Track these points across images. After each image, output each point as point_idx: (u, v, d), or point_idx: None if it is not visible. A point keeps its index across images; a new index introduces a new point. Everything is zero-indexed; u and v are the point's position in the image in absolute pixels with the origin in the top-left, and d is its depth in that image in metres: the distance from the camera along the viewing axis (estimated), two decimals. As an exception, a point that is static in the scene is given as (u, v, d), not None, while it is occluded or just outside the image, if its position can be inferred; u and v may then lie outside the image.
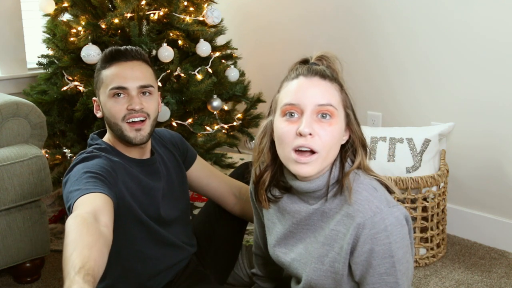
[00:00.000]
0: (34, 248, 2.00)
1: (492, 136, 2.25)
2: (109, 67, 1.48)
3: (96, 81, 1.53)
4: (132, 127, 1.47)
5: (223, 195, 1.75)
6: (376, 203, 1.18)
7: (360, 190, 1.21)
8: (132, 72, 1.47)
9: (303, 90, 1.20)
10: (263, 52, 3.03)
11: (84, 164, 1.39)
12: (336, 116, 1.19)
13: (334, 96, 1.20)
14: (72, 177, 1.35)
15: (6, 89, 2.55)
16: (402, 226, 1.20)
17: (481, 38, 2.21)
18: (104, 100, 1.49)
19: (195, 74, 2.29)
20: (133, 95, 1.47)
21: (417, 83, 2.44)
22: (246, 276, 1.81)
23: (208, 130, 2.37)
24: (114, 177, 1.41)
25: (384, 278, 1.20)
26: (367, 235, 1.18)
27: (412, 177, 2.07)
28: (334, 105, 1.19)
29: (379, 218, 1.17)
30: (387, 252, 1.18)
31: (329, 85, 1.20)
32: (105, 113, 1.50)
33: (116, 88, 1.46)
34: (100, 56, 1.53)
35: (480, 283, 2.02)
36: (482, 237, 2.33)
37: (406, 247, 1.21)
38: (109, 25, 2.18)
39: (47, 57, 2.36)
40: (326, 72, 1.22)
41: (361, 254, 1.20)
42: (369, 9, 2.54)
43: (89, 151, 1.48)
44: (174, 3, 2.25)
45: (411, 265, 1.25)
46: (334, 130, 1.19)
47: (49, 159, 2.33)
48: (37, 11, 2.40)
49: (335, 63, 1.26)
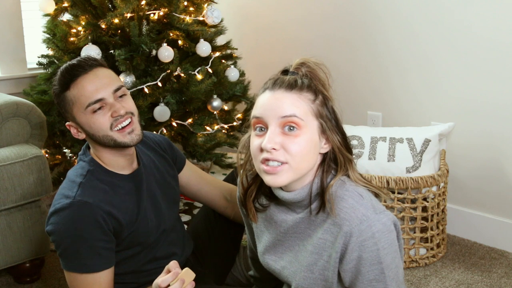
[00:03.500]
0: (34, 248, 2.00)
1: (492, 136, 2.25)
2: (73, 86, 1.40)
3: (63, 105, 1.43)
4: (123, 132, 1.43)
5: (214, 199, 1.74)
6: (362, 210, 1.17)
7: (346, 197, 1.20)
8: (100, 80, 1.42)
9: (266, 104, 1.19)
10: (263, 52, 3.03)
11: (79, 218, 1.37)
12: (303, 126, 1.16)
13: (300, 106, 1.17)
14: (68, 233, 1.37)
15: (6, 89, 2.55)
16: (390, 232, 1.19)
17: (481, 38, 2.21)
18: (84, 119, 1.41)
19: (195, 74, 2.29)
20: (111, 102, 1.42)
21: (417, 83, 2.44)
22: (244, 278, 1.81)
23: (208, 130, 2.37)
24: (111, 221, 1.41)
25: (374, 285, 1.20)
26: (354, 243, 1.17)
27: (412, 177, 2.07)
28: (299, 116, 1.16)
29: (366, 225, 1.16)
30: (376, 259, 1.18)
31: (295, 96, 1.18)
32: (90, 131, 1.43)
33: (93, 103, 1.40)
34: (56, 80, 1.43)
35: (480, 283, 2.02)
36: (482, 237, 2.33)
37: (395, 252, 1.21)
38: (109, 25, 2.18)
39: (47, 57, 2.36)
40: (296, 83, 1.19)
41: (349, 262, 1.19)
42: (369, 10, 2.54)
43: (79, 183, 1.42)
44: (174, 3, 2.25)
45: (400, 270, 1.24)
46: (301, 141, 1.16)
47: (49, 159, 2.33)
48: (37, 11, 2.40)
49: (317, 70, 1.22)
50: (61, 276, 2.12)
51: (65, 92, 1.42)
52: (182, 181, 1.71)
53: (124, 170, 1.50)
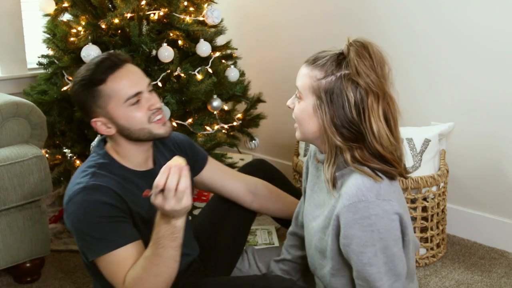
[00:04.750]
0: (34, 248, 2.00)
1: (492, 136, 2.25)
2: (110, 80, 1.41)
3: (94, 100, 1.42)
4: (159, 123, 1.47)
5: (239, 195, 1.74)
6: (365, 191, 1.22)
7: (356, 178, 1.26)
8: (134, 75, 1.45)
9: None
10: (263, 52, 3.03)
11: (94, 199, 1.36)
12: (301, 98, 1.32)
13: (304, 81, 1.31)
14: (87, 217, 1.35)
15: (6, 89, 2.55)
16: (390, 220, 1.22)
17: (481, 38, 2.21)
18: (122, 113, 1.42)
19: (195, 74, 2.29)
20: (147, 96, 1.45)
21: (417, 83, 2.44)
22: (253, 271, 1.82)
23: (208, 130, 2.37)
24: (126, 206, 1.41)
25: (367, 269, 1.23)
26: (350, 219, 1.22)
27: (412, 177, 2.07)
28: (300, 88, 1.32)
29: (363, 205, 1.21)
30: (370, 241, 1.21)
31: (306, 72, 1.31)
32: (125, 124, 1.44)
33: (133, 96, 1.42)
34: (86, 74, 1.42)
35: (480, 283, 2.02)
36: (482, 237, 2.33)
37: (394, 241, 1.23)
38: (109, 25, 2.18)
39: (47, 57, 2.36)
40: (313, 61, 1.31)
41: (344, 238, 1.24)
42: (369, 9, 2.54)
43: (91, 172, 1.42)
44: (174, 3, 2.25)
45: (400, 263, 1.26)
46: (299, 107, 1.33)
47: (49, 159, 2.33)
48: (37, 11, 2.40)
49: (358, 53, 1.27)
50: (61, 276, 2.12)
51: (99, 86, 1.41)
52: (205, 179, 1.72)
53: (139, 167, 1.51)
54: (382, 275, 1.24)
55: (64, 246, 2.34)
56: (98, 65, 1.42)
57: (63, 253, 2.30)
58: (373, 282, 1.24)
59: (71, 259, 2.25)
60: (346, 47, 1.29)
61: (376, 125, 1.25)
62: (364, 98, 1.25)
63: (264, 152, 3.14)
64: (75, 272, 2.15)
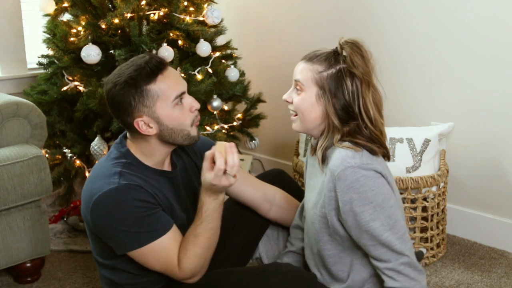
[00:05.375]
0: (34, 248, 2.00)
1: (492, 136, 2.25)
2: (158, 79, 1.43)
3: (140, 99, 1.43)
4: (196, 125, 1.52)
5: (257, 202, 1.73)
6: (349, 160, 1.38)
7: (339, 152, 1.42)
8: (178, 76, 1.49)
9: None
10: (263, 52, 3.03)
11: (129, 197, 1.39)
12: (303, 89, 1.46)
13: (305, 74, 1.45)
14: (125, 215, 1.38)
15: (6, 89, 2.55)
16: (377, 177, 1.38)
17: (482, 38, 2.21)
18: (168, 112, 1.44)
19: (195, 74, 2.29)
20: (187, 98, 1.48)
21: (417, 83, 2.44)
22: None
23: (208, 130, 2.36)
24: (155, 200, 1.44)
25: (371, 225, 1.36)
26: (343, 186, 1.37)
27: (412, 177, 2.07)
28: (301, 81, 1.46)
29: (350, 171, 1.36)
30: (366, 199, 1.36)
31: (306, 66, 1.46)
32: (169, 125, 1.46)
33: (179, 96, 1.45)
34: (132, 74, 1.43)
35: (480, 283, 2.02)
36: (482, 237, 2.33)
37: (387, 195, 1.39)
38: (109, 25, 2.18)
39: (47, 57, 2.36)
40: (312, 57, 1.47)
41: (344, 204, 1.38)
42: (369, 9, 2.54)
43: (118, 172, 1.43)
44: (174, 3, 2.25)
45: (399, 221, 1.39)
46: (300, 98, 1.47)
47: (49, 159, 2.33)
48: (37, 11, 2.40)
49: (354, 54, 1.47)
50: (61, 276, 2.12)
51: (148, 85, 1.43)
52: None
53: (158, 165, 1.53)
54: (386, 227, 1.37)
55: (64, 246, 2.34)
56: (147, 63, 1.44)
57: (63, 253, 2.30)
58: (380, 235, 1.37)
59: (71, 259, 2.25)
60: (340, 45, 1.49)
61: (371, 108, 1.44)
62: (359, 86, 1.44)
63: (264, 152, 3.14)
64: (75, 272, 2.15)
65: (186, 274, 1.44)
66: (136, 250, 1.41)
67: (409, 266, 1.38)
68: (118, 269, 1.51)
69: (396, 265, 1.38)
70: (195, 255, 1.43)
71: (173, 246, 1.43)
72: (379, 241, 1.38)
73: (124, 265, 1.49)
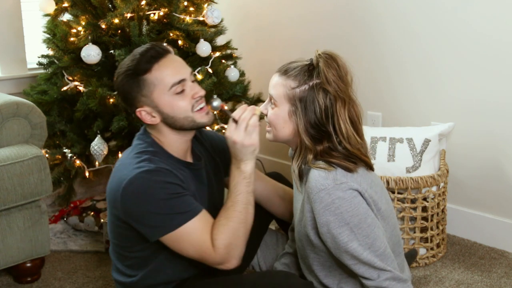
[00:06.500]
0: (34, 248, 2.00)
1: (492, 136, 2.25)
2: (155, 68, 1.44)
3: (139, 89, 1.46)
4: (202, 113, 1.50)
5: (269, 196, 1.75)
6: (323, 182, 1.38)
7: (312, 173, 1.41)
8: (178, 63, 1.49)
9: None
10: (263, 52, 3.03)
11: (160, 179, 1.39)
12: (276, 105, 1.46)
13: (279, 90, 1.45)
14: (157, 196, 1.38)
15: (6, 89, 2.55)
16: (353, 197, 1.38)
17: (482, 37, 2.21)
18: (166, 100, 1.46)
19: (195, 74, 2.29)
20: (191, 84, 1.49)
21: (417, 83, 2.44)
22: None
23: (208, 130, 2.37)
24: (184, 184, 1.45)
25: (350, 245, 1.37)
26: (319, 208, 1.38)
27: (412, 177, 2.07)
28: (274, 96, 1.46)
29: (324, 193, 1.37)
30: (342, 221, 1.36)
31: (280, 81, 1.45)
32: (170, 113, 1.47)
33: (177, 83, 1.45)
34: (131, 64, 1.46)
35: (480, 283, 2.02)
36: (482, 237, 2.33)
37: (364, 215, 1.38)
38: (109, 25, 2.18)
39: (47, 57, 2.36)
40: (286, 71, 1.46)
41: (322, 226, 1.39)
42: (370, 9, 2.54)
43: (147, 158, 1.44)
44: (174, 3, 2.25)
45: (377, 240, 1.39)
46: (273, 113, 1.47)
47: (49, 159, 2.33)
48: (37, 11, 2.39)
49: (328, 70, 1.41)
50: (61, 276, 2.12)
51: (144, 75, 1.44)
52: None
53: (180, 157, 1.54)
54: (365, 247, 1.38)
55: (64, 246, 2.34)
56: (142, 54, 1.45)
57: (63, 253, 2.30)
58: (359, 255, 1.38)
59: (71, 259, 2.25)
60: (316, 58, 1.43)
61: (344, 127, 1.41)
62: (333, 103, 1.41)
63: (263, 152, 3.14)
64: (75, 272, 2.15)
65: (221, 253, 1.40)
66: (169, 234, 1.39)
67: (393, 280, 1.40)
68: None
69: (380, 282, 1.40)
70: (228, 230, 1.40)
71: (205, 227, 1.41)
72: (360, 260, 1.39)
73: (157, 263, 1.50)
